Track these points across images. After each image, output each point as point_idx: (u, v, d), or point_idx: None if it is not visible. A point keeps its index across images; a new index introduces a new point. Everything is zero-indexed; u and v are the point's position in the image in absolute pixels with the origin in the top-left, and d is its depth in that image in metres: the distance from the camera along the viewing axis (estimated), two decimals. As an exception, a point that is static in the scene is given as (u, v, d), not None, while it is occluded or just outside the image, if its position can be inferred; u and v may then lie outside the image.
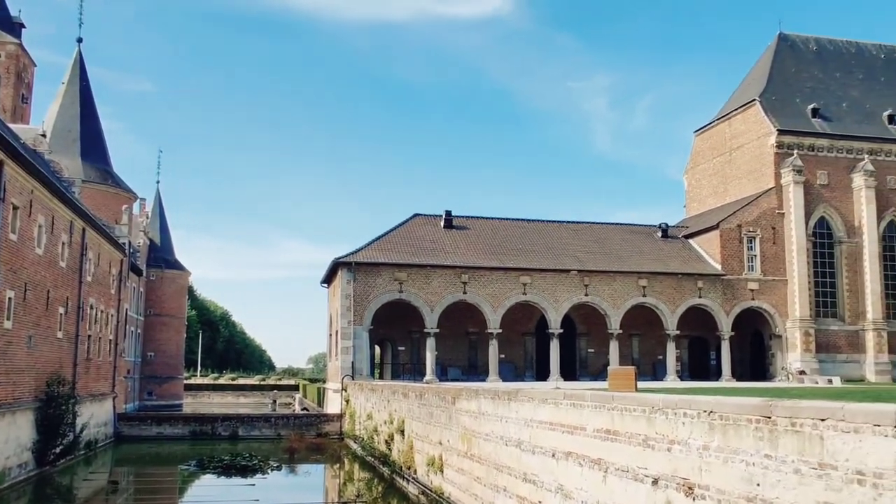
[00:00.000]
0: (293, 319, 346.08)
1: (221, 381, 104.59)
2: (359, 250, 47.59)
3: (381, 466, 30.01)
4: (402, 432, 27.40)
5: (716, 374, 52.07)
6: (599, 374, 46.80)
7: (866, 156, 54.33)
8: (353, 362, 45.21)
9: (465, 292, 47.33)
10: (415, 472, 25.21)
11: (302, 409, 62.13)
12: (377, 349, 55.16)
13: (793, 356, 51.15)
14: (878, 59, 62.76)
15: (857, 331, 52.73)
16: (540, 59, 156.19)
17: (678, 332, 50.28)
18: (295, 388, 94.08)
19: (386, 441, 29.70)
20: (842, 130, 55.30)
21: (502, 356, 48.48)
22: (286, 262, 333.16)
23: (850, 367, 51.74)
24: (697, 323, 51.53)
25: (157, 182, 79.94)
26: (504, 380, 45.51)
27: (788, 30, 61.99)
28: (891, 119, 57.21)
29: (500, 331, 47.61)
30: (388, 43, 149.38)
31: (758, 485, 9.44)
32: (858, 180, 53.72)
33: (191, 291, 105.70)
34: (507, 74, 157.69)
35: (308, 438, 39.61)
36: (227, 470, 30.87)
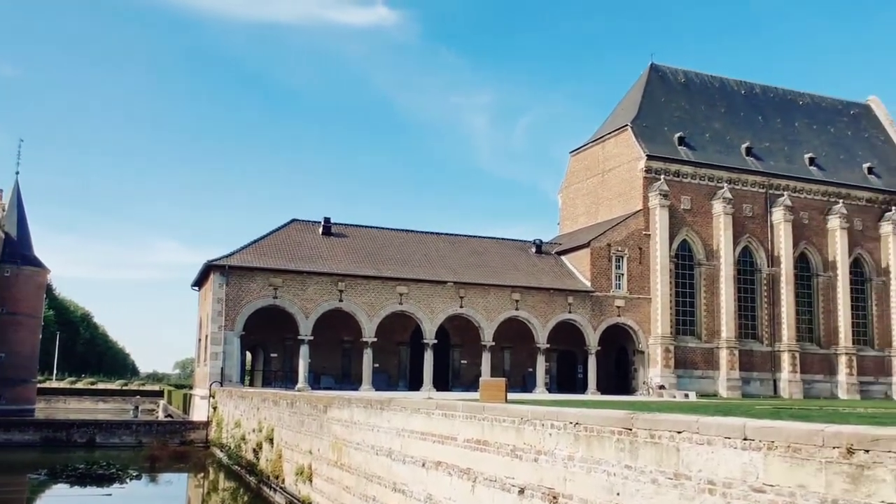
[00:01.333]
0: (162, 323, 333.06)
1: (79, 385, 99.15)
2: (233, 254, 46.44)
3: (247, 476, 29.30)
4: (271, 441, 26.87)
5: (582, 387, 53.88)
6: (472, 384, 47.47)
7: (725, 184, 57.81)
8: (222, 368, 44.01)
9: (341, 300, 47.01)
10: (283, 481, 24.77)
11: (166, 416, 59.76)
12: (248, 355, 53.85)
13: (654, 371, 53.61)
14: (739, 95, 67.01)
15: (712, 348, 55.87)
16: (424, 72, 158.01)
17: (548, 345, 51.76)
18: (160, 394, 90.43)
19: (254, 450, 29.05)
20: (704, 159, 58.63)
21: (376, 365, 48.42)
22: (159, 263, 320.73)
23: (705, 382, 54.74)
24: (566, 337, 53.22)
25: (17, 173, 75.38)
26: (377, 389, 45.42)
27: (660, 61, 65.32)
28: (748, 151, 61.12)
29: (375, 340, 47.55)
30: (272, 45, 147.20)
31: (618, 494, 9.86)
32: (718, 207, 57.05)
33: (49, 290, 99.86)
34: (391, 85, 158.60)
35: (172, 446, 38.15)
36: (82, 479, 29.32)
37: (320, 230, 51.72)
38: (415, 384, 49.50)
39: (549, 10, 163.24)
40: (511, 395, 21.39)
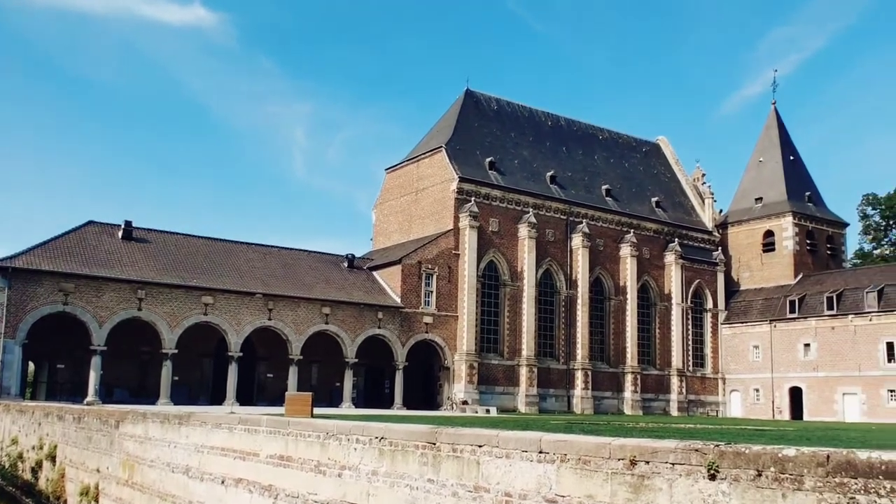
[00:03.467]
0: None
1: None
2: (19, 255, 42.64)
3: (23, 498, 26.90)
4: (53, 459, 24.88)
5: (389, 402, 54.24)
6: (277, 399, 46.40)
7: (531, 209, 60.71)
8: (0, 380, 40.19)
9: (140, 308, 44.47)
10: (65, 502, 22.99)
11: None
12: (31, 366, 49.54)
13: (458, 387, 55.03)
14: (546, 126, 70.79)
15: (513, 365, 58.23)
16: (241, 79, 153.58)
17: (357, 360, 51.73)
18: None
19: (33, 469, 26.75)
20: (513, 184, 61.29)
21: (176, 378, 46.12)
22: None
23: (505, 398, 56.90)
24: (375, 352, 53.45)
25: None
26: (176, 403, 43.26)
27: (476, 88, 67.70)
28: (552, 179, 64.60)
29: (176, 351, 45.37)
30: (77, 36, 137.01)
31: (420, 507, 10.03)
32: (523, 230, 59.77)
33: None
34: (206, 88, 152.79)
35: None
36: None
37: (120, 234, 48.71)
38: (217, 398, 47.69)
39: (372, 29, 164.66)
40: (317, 410, 21.19)
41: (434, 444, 10.01)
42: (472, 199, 57.82)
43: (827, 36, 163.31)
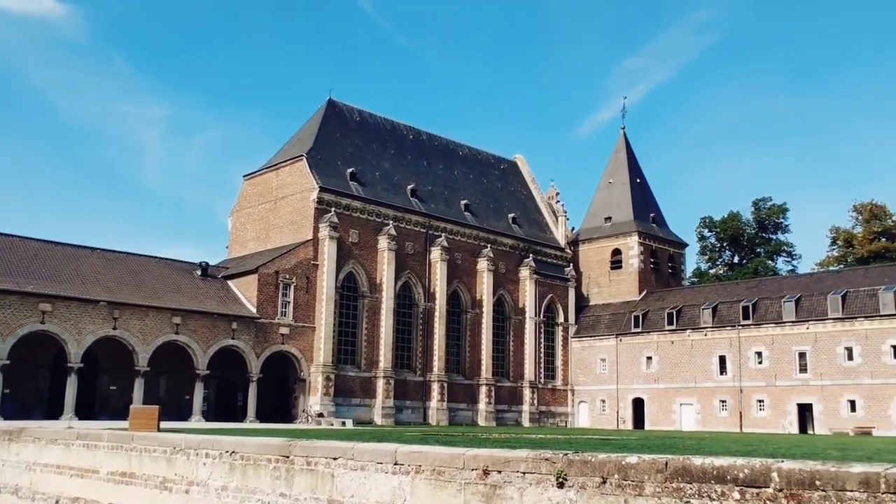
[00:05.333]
0: None
1: None
2: None
3: None
4: None
5: (242, 416, 52.70)
6: (121, 413, 44.04)
7: (391, 222, 60.93)
8: None
9: (-33, 317, 41.08)
10: None
11: None
12: None
13: (314, 399, 54.23)
14: (408, 139, 71.39)
15: (370, 377, 58.05)
16: (92, 75, 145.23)
17: (208, 371, 50.00)
18: None
19: None
20: (374, 196, 61.32)
21: (7, 391, 42.88)
22: None
23: (362, 410, 56.60)
24: (228, 363, 51.83)
25: None
26: (7, 418, 40.21)
27: (338, 98, 67.30)
28: (413, 192, 65.14)
29: (8, 362, 42.23)
30: None
31: (271, 522, 9.80)
32: (383, 242, 59.86)
33: None
34: (53, 83, 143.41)
35: None
36: None
37: (-53, 235, 44.93)
38: (54, 412, 44.69)
39: (233, 33, 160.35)
40: (165, 424, 20.30)
41: (287, 457, 9.82)
42: (333, 209, 57.36)
43: (671, 69, 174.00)
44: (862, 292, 57.99)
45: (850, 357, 56.77)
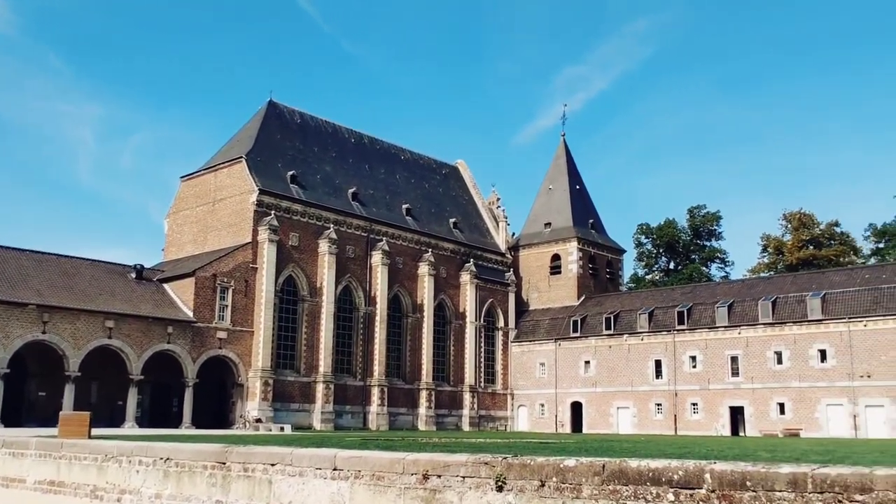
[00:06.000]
0: None
1: None
2: None
3: None
4: None
5: (177, 422, 51.63)
6: (51, 419, 42.70)
7: (332, 225, 60.52)
8: None
9: None
10: None
11: None
12: None
13: (252, 404, 53.46)
14: (350, 143, 71.05)
15: (309, 382, 57.49)
16: (25, 72, 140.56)
17: (142, 377, 48.85)
18: None
19: None
20: (314, 199, 60.81)
21: (-73, 399, 41.21)
22: None
23: (301, 415, 56.01)
24: (163, 368, 50.73)
25: None
26: (-74, 427, 38.67)
27: (279, 100, 66.63)
28: (354, 196, 64.83)
29: (-71, 369, 40.57)
30: None
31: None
32: (324, 246, 59.40)
33: None
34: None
35: None
36: None
37: None
38: (-23, 420, 43.08)
39: (174, 32, 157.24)
40: (97, 431, 19.76)
41: (224, 463, 9.65)
42: (273, 212, 56.71)
43: (611, 78, 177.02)
44: (791, 298, 59.82)
45: (780, 361, 58.48)
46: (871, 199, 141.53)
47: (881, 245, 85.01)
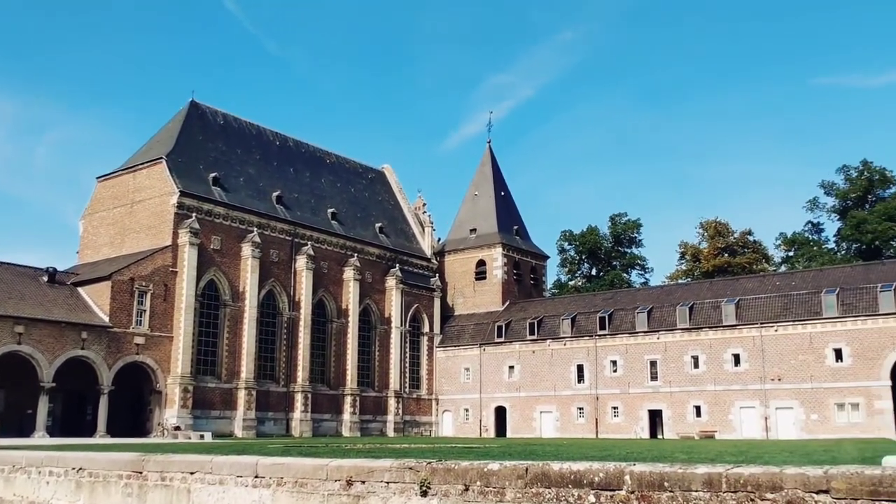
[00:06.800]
0: None
1: None
2: None
3: None
4: None
5: (91, 431, 49.87)
6: (-49, 430, 40.74)
7: (255, 229, 59.57)
8: None
9: None
10: None
11: None
12: None
13: (170, 412, 52.08)
14: (274, 145, 70.09)
15: (231, 389, 56.36)
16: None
17: (54, 384, 47.03)
18: None
19: None
20: (237, 202, 59.74)
21: None
22: None
23: (222, 422, 54.85)
24: (77, 375, 48.94)
25: None
26: None
27: (202, 100, 65.25)
28: (279, 199, 63.97)
29: None
30: None
31: (122, 542, 9.32)
32: (247, 250, 58.39)
33: None
34: None
35: None
36: None
37: None
38: None
39: (89, 28, 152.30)
40: (3, 441, 18.95)
41: (141, 472, 9.38)
42: (194, 214, 55.47)
43: (536, 87, 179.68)
44: (707, 304, 61.70)
45: (696, 365, 60.22)
46: (782, 209, 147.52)
47: (791, 253, 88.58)
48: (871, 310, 53.88)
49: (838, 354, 54.45)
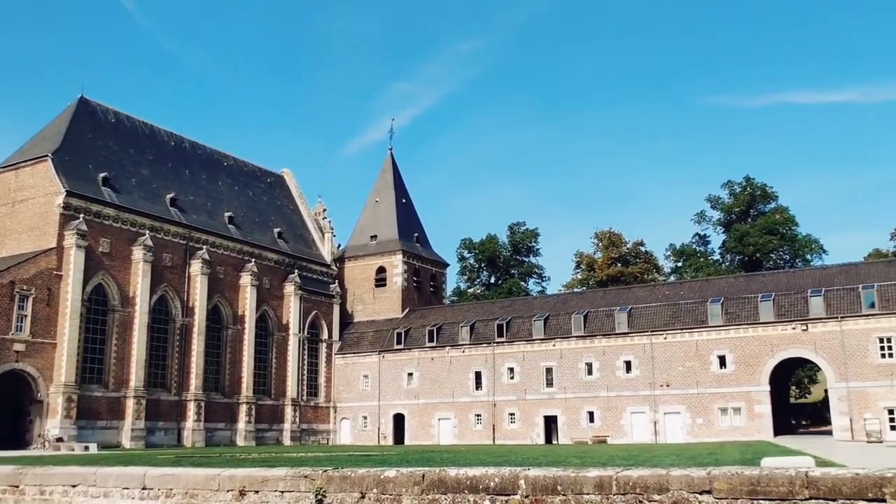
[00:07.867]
0: None
1: None
2: None
3: None
4: None
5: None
6: None
7: (148, 231, 57.54)
8: None
9: None
10: None
11: None
12: None
13: (53, 422, 49.61)
14: (169, 146, 67.95)
15: (119, 397, 54.16)
16: None
17: (-78, 395, 44.07)
18: None
19: None
20: (129, 204, 57.59)
21: None
22: None
23: (109, 433, 52.62)
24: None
25: None
26: None
27: (92, 97, 62.61)
28: (173, 202, 62.02)
29: None
30: None
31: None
32: (138, 253, 56.33)
33: None
34: None
35: None
36: None
37: None
38: None
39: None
40: None
41: (17, 486, 8.88)
42: (81, 215, 53.12)
43: (437, 96, 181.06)
44: (601, 312, 63.43)
45: (590, 372, 61.77)
46: (671, 222, 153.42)
47: (679, 264, 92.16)
48: (752, 319, 56.62)
49: (722, 361, 56.95)
